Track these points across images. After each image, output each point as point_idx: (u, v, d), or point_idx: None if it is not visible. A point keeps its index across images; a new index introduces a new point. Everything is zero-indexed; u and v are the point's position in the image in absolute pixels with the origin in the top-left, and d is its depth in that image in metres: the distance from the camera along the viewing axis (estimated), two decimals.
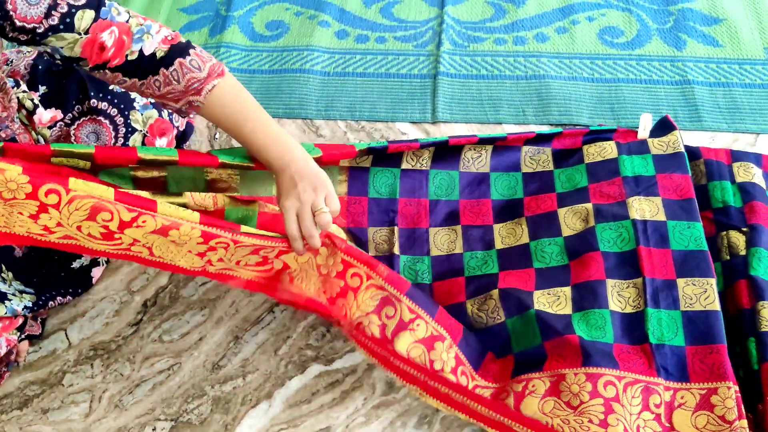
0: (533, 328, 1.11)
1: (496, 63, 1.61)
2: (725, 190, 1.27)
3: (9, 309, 1.15)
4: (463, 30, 1.69)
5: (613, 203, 1.24)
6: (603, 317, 1.10)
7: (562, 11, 1.71)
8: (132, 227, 0.96)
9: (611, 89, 1.54)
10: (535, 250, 1.23)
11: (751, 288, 1.12)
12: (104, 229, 0.96)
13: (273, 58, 1.68)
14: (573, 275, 1.17)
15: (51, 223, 0.94)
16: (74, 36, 0.94)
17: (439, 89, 1.56)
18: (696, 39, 1.62)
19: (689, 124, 1.46)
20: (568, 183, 1.31)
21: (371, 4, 1.78)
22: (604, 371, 1.02)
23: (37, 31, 0.92)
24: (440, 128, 1.51)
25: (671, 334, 1.08)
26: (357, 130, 1.52)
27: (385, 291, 1.08)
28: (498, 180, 1.33)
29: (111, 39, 0.96)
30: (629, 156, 1.30)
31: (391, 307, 1.07)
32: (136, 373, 1.22)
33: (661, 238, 1.18)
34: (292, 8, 1.79)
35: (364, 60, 1.65)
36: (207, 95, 1.03)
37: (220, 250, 1.02)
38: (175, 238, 0.98)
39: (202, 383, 1.20)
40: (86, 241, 0.98)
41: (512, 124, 1.50)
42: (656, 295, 1.12)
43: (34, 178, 0.90)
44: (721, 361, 1.03)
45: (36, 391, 1.22)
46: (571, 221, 1.24)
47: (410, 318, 1.06)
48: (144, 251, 1.01)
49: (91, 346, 1.26)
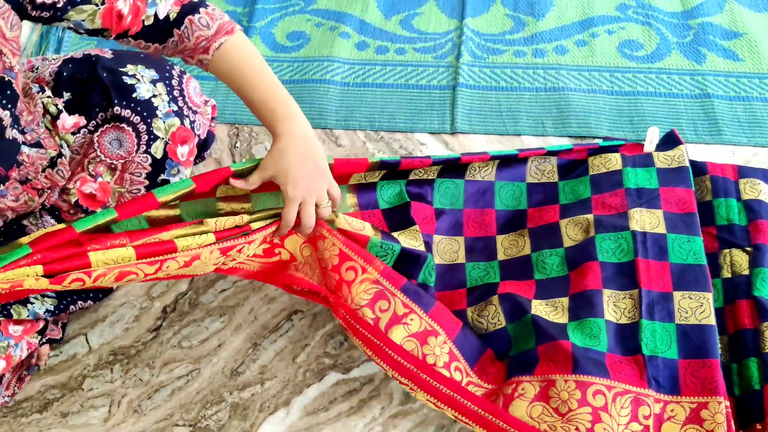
0: (530, 332, 1.11)
1: (516, 75, 1.62)
2: (730, 207, 1.26)
3: (31, 312, 1.16)
4: (483, 42, 1.69)
5: (615, 214, 1.24)
6: (598, 326, 1.10)
7: (582, 24, 1.71)
8: (156, 274, 0.99)
9: (630, 102, 1.54)
10: (537, 261, 1.23)
11: (755, 308, 1.11)
12: (129, 280, 1.00)
13: (294, 69, 1.69)
14: (571, 285, 1.17)
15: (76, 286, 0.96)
16: (92, 7, 0.97)
17: (459, 100, 1.57)
18: (716, 53, 1.61)
19: (709, 137, 1.46)
20: (572, 194, 1.31)
21: (391, 16, 1.79)
22: (594, 380, 1.02)
23: (56, 5, 0.95)
24: (459, 139, 1.51)
25: (665, 346, 1.08)
26: (376, 140, 1.53)
27: (380, 285, 1.10)
28: (503, 189, 1.33)
29: (126, 6, 0.99)
30: (633, 168, 1.30)
31: (385, 301, 1.09)
32: (155, 378, 1.23)
33: (660, 250, 1.18)
34: (313, 19, 1.81)
35: (383, 71, 1.67)
36: (214, 53, 1.04)
37: (234, 253, 1.04)
38: (199, 265, 1.02)
39: (221, 389, 1.21)
40: (109, 282, 1.00)
41: (531, 135, 1.50)
42: (652, 307, 1.12)
43: (55, 269, 0.90)
44: (713, 376, 1.03)
45: (56, 394, 1.23)
46: (572, 232, 1.24)
47: (404, 312, 1.08)
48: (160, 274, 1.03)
49: (111, 351, 1.27)
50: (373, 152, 1.50)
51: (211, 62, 1.06)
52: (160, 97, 1.27)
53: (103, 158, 1.26)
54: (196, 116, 1.35)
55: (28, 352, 1.18)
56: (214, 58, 1.05)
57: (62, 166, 1.22)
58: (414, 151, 1.50)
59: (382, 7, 1.81)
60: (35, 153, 1.13)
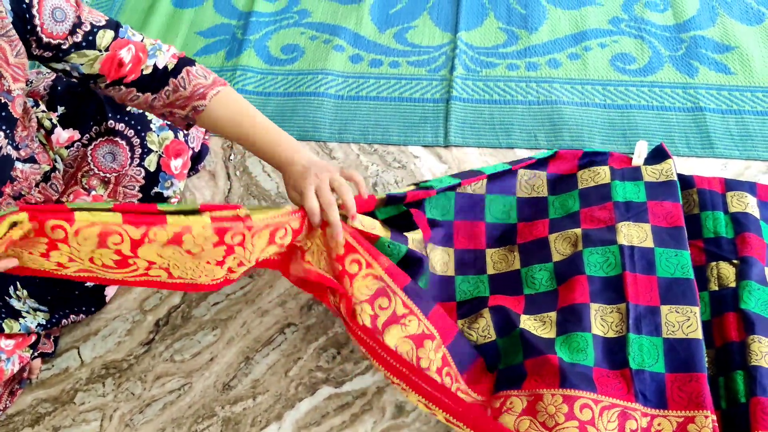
0: (517, 347, 1.11)
1: (509, 88, 1.62)
2: (717, 220, 1.26)
3: (23, 326, 1.16)
4: (476, 55, 1.70)
5: (603, 228, 1.24)
6: (585, 340, 1.10)
7: (575, 38, 1.72)
8: (144, 244, 0.95)
9: (623, 115, 1.54)
10: (526, 276, 1.23)
11: (741, 321, 1.11)
12: (117, 255, 0.95)
13: (288, 81, 1.70)
14: (560, 300, 1.18)
15: (63, 259, 0.95)
16: (95, 53, 1.00)
17: (452, 113, 1.58)
18: (708, 66, 1.62)
19: (701, 150, 1.46)
20: (561, 209, 1.31)
21: (385, 29, 1.80)
22: (582, 394, 1.02)
23: (61, 47, 0.97)
24: (452, 152, 1.52)
25: (652, 360, 1.08)
26: (370, 153, 1.54)
27: (383, 282, 1.09)
28: (493, 203, 1.33)
29: (129, 55, 1.02)
30: (622, 182, 1.31)
31: (386, 298, 1.09)
32: (147, 392, 1.23)
33: (648, 264, 1.18)
34: (307, 32, 1.81)
35: (377, 84, 1.67)
36: (212, 99, 1.08)
37: (238, 249, 1.01)
38: (190, 245, 0.97)
39: (213, 404, 1.20)
40: (102, 272, 0.98)
41: (524, 148, 1.50)
42: (639, 321, 1.12)
43: (39, 216, 0.90)
44: (700, 390, 1.03)
45: (48, 408, 1.23)
46: (561, 246, 1.24)
47: (403, 312, 1.08)
48: (162, 274, 1.01)
49: (103, 365, 1.27)
50: (367, 165, 1.51)
51: (207, 107, 1.08)
52: None
53: (96, 171, 1.26)
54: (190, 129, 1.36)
55: (20, 366, 1.18)
56: (211, 103, 1.08)
57: (56, 180, 1.22)
58: (407, 164, 1.50)
59: (376, 20, 1.82)
60: (29, 168, 1.13)
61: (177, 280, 1.02)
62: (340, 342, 1.25)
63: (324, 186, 1.05)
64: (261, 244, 1.03)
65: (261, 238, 1.02)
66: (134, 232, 0.94)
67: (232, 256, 1.01)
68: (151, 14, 1.89)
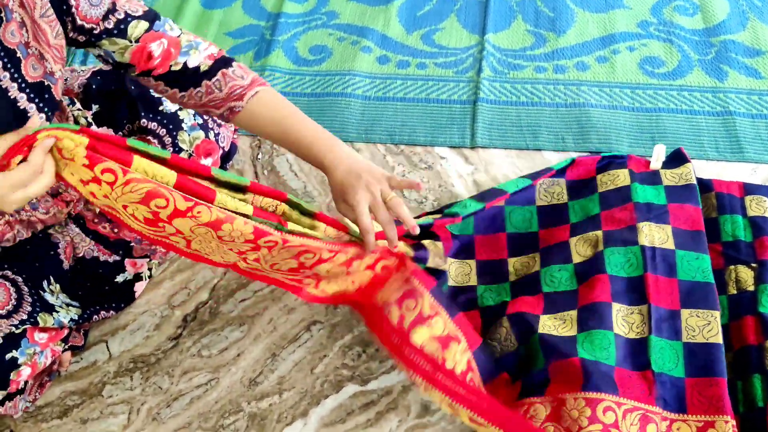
0: (537, 352, 1.11)
1: (536, 90, 1.62)
2: (736, 224, 1.25)
3: (56, 321, 1.18)
4: (504, 57, 1.70)
5: (624, 228, 1.23)
6: (608, 338, 1.09)
7: (603, 41, 1.71)
8: (185, 217, 0.93)
9: (652, 119, 1.54)
10: (545, 275, 1.23)
11: (759, 325, 1.11)
12: (152, 216, 0.93)
13: (316, 82, 1.71)
14: (580, 298, 1.17)
15: (98, 193, 0.91)
16: (125, 42, 1.00)
17: (479, 115, 1.58)
18: (738, 70, 1.61)
19: (731, 155, 1.45)
20: (582, 212, 1.31)
21: (413, 31, 1.80)
22: (604, 396, 1.02)
23: (93, 32, 0.98)
24: (479, 153, 1.52)
25: (671, 364, 1.07)
26: (396, 153, 1.54)
27: (411, 284, 1.09)
28: (513, 213, 1.33)
29: (159, 49, 1.03)
30: (642, 185, 1.30)
31: (413, 300, 1.08)
32: (175, 386, 1.24)
33: (669, 267, 1.18)
34: (335, 34, 1.83)
35: (404, 85, 1.68)
36: (249, 100, 1.07)
37: (264, 250, 1.00)
38: (226, 233, 0.96)
39: (239, 399, 1.21)
40: (126, 218, 0.95)
41: (551, 150, 1.50)
42: (660, 323, 1.11)
43: (98, 149, 0.88)
44: (720, 395, 1.02)
45: (76, 401, 1.25)
46: (582, 249, 1.24)
47: (429, 314, 1.07)
48: (181, 242, 0.99)
49: (131, 359, 1.28)
50: (393, 165, 1.51)
51: (245, 108, 1.07)
52: (185, 110, 1.29)
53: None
54: (221, 129, 1.38)
55: (52, 359, 1.20)
56: (249, 104, 1.07)
57: None
58: (434, 165, 1.50)
59: (403, 22, 1.83)
60: None
61: (192, 251, 1.02)
62: (365, 340, 1.26)
63: (378, 202, 1.02)
64: (285, 256, 1.03)
65: (289, 251, 1.02)
66: (181, 203, 0.91)
67: (256, 253, 1.01)
68: (179, 15, 1.91)
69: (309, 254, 1.04)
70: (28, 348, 1.12)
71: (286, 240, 1.00)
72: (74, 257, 1.24)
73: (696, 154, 1.46)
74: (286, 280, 1.10)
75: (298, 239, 1.01)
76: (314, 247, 1.03)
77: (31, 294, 1.16)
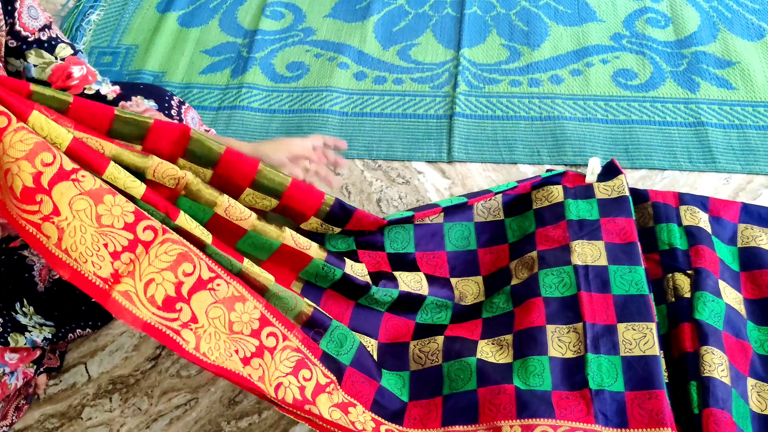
0: (469, 373, 1.11)
1: (511, 104, 1.64)
2: (672, 232, 1.27)
3: (28, 340, 1.17)
4: (479, 72, 1.72)
5: (557, 248, 1.25)
6: (542, 364, 1.10)
7: (577, 54, 1.74)
8: (205, 290, 0.94)
9: (625, 130, 1.56)
10: (486, 304, 1.24)
11: (695, 332, 1.12)
12: (174, 292, 0.91)
13: (293, 99, 1.72)
14: (516, 322, 1.18)
15: (123, 268, 0.88)
16: (51, 58, 1.09)
17: (455, 129, 1.59)
18: (709, 81, 1.63)
19: (703, 165, 1.47)
20: (519, 231, 1.32)
21: (389, 47, 1.82)
22: (540, 421, 1.02)
23: (27, 40, 1.06)
24: (456, 167, 1.53)
25: (611, 379, 1.08)
26: (374, 168, 1.55)
27: (301, 353, 1.04)
28: (451, 231, 1.34)
29: (79, 73, 1.12)
30: (575, 200, 1.32)
31: (307, 370, 1.04)
32: (154, 407, 1.24)
33: (603, 283, 1.19)
34: (312, 50, 1.84)
35: (381, 100, 1.69)
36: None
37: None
38: (238, 313, 0.97)
39: (219, 419, 1.21)
40: (139, 305, 0.89)
41: (527, 164, 1.52)
42: (597, 340, 1.12)
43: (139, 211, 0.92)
44: (660, 407, 1.03)
45: (55, 424, 1.24)
46: (520, 272, 1.25)
47: (326, 382, 1.05)
48: (192, 341, 0.91)
49: (110, 380, 1.28)
50: (371, 180, 1.52)
51: None
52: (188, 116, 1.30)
53: None
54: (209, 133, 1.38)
55: (24, 381, 1.19)
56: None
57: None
58: (411, 179, 1.51)
59: (380, 38, 1.84)
60: None
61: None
62: None
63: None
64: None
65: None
66: (205, 272, 0.97)
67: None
68: (157, 34, 1.92)
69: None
70: None
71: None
72: (50, 279, 1.23)
73: (669, 164, 1.48)
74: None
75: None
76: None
77: (2, 315, 1.15)
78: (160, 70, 1.82)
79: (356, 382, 1.10)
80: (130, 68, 1.84)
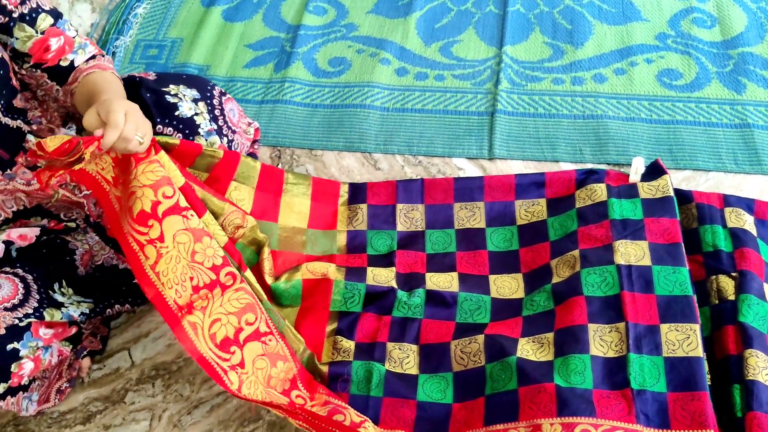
0: (510, 373, 1.11)
1: (554, 102, 1.63)
2: (716, 234, 1.26)
3: (65, 314, 1.18)
4: (521, 69, 1.71)
5: (600, 247, 1.24)
6: (583, 362, 1.09)
7: (621, 53, 1.72)
8: (258, 341, 1.07)
9: (669, 131, 1.54)
10: (527, 301, 1.24)
11: (739, 335, 1.11)
12: (233, 335, 1.06)
13: (335, 94, 1.73)
14: (557, 320, 1.17)
15: (198, 302, 1.06)
16: (32, 32, 1.11)
17: (497, 126, 1.59)
18: (756, 83, 1.61)
19: (749, 167, 1.45)
20: (561, 229, 1.32)
21: (431, 43, 1.82)
22: (580, 420, 1.02)
23: (12, 15, 1.07)
24: (496, 164, 1.53)
25: (653, 380, 1.07)
26: (414, 164, 1.56)
27: (331, 404, 1.11)
28: (494, 234, 1.35)
29: (56, 45, 1.14)
30: (618, 199, 1.30)
31: (341, 414, 1.09)
32: (195, 394, 1.26)
33: (646, 283, 1.18)
34: (354, 46, 1.85)
35: (422, 96, 1.69)
36: (81, 80, 1.15)
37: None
38: (278, 370, 1.10)
39: (258, 408, 1.22)
40: (201, 338, 1.04)
41: (569, 162, 1.51)
42: (639, 340, 1.11)
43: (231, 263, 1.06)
44: (703, 409, 1.02)
45: (99, 407, 1.27)
46: (561, 270, 1.25)
47: (360, 420, 1.08)
48: (235, 383, 1.05)
49: (153, 366, 1.30)
50: (411, 176, 1.53)
51: (76, 90, 1.16)
52: (201, 115, 1.31)
53: None
54: (235, 135, 1.39)
55: (59, 359, 1.19)
56: (79, 84, 1.15)
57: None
58: (452, 176, 1.51)
59: (422, 34, 1.84)
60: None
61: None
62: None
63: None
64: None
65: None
66: (263, 326, 1.12)
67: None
68: (201, 27, 1.94)
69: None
70: (30, 341, 1.12)
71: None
72: (92, 265, 1.26)
73: (714, 166, 1.46)
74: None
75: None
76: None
77: (39, 291, 1.17)
78: (204, 63, 1.85)
79: (396, 409, 1.13)
80: (175, 61, 1.86)
